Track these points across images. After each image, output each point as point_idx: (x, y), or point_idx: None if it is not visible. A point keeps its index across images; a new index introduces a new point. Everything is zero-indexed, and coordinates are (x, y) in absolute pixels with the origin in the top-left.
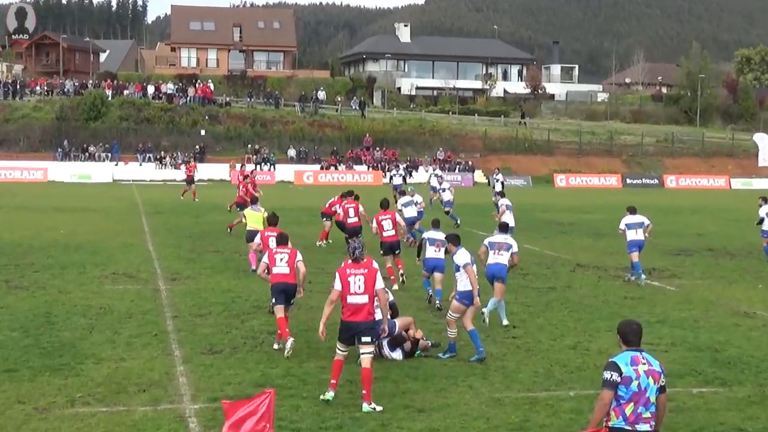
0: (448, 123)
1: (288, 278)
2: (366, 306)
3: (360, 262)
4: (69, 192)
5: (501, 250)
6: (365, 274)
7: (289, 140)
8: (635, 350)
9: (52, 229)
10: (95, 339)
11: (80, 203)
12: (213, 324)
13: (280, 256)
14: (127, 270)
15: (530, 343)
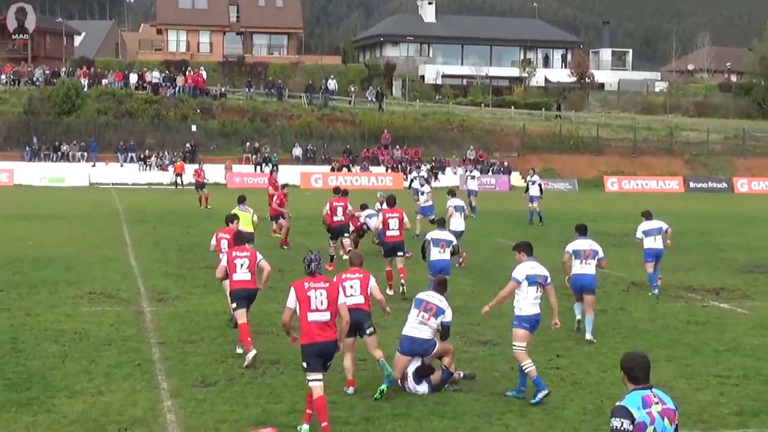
0: (480, 117)
1: (249, 284)
2: (329, 323)
3: (317, 275)
4: (39, 197)
5: (588, 258)
6: (327, 289)
7: (295, 137)
8: (644, 388)
9: (19, 241)
10: (69, 369)
11: (52, 210)
12: (206, 352)
13: (241, 261)
14: (105, 289)
15: (577, 375)
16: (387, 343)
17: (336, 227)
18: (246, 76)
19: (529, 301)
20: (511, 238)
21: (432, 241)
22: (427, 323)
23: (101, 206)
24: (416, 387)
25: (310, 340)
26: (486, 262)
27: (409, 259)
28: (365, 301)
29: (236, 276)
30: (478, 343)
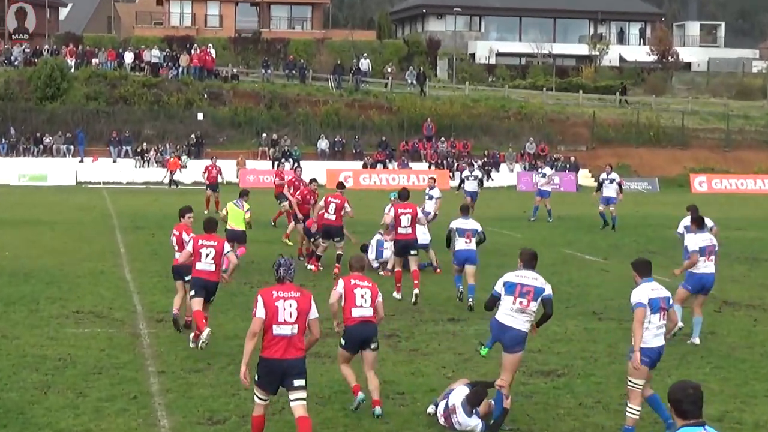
0: (542, 103)
1: (212, 276)
2: (295, 339)
3: (286, 283)
4: (16, 199)
5: (711, 254)
6: (297, 299)
7: (320, 127)
8: (696, 425)
9: None
10: (52, 402)
11: (31, 214)
12: (214, 383)
13: (206, 251)
14: (95, 307)
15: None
16: (429, 372)
17: (325, 227)
18: (262, 54)
19: (651, 330)
20: (578, 248)
21: (457, 230)
22: (526, 310)
23: (90, 209)
24: (467, 421)
25: (271, 355)
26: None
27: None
28: (374, 314)
29: (199, 265)
30: (539, 374)
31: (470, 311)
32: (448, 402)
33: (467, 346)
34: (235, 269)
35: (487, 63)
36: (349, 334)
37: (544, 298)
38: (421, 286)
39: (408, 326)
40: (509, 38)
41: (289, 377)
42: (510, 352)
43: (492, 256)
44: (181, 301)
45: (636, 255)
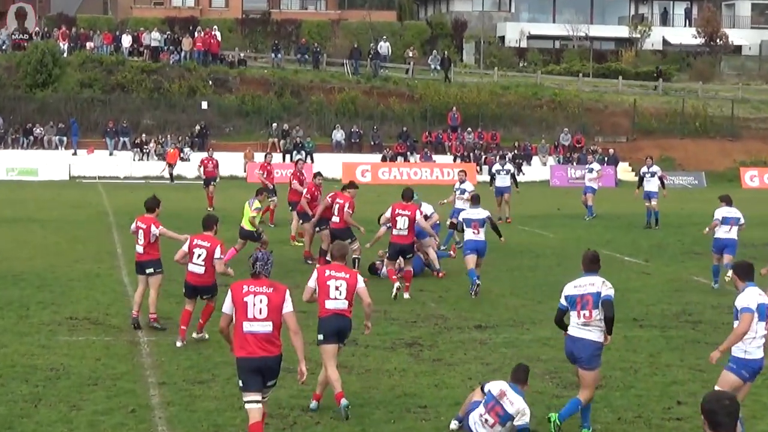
0: (577, 90)
1: (201, 279)
2: (271, 336)
3: (262, 278)
4: (4, 195)
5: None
6: (269, 294)
7: (335, 117)
8: None
9: None
10: (43, 417)
11: (21, 212)
12: (219, 395)
13: (199, 252)
14: (90, 313)
15: None
16: (454, 384)
17: (332, 230)
18: (272, 37)
19: (756, 340)
20: (617, 249)
21: (465, 221)
22: (591, 322)
23: (84, 206)
24: (519, 400)
25: (246, 353)
26: None
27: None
28: (349, 307)
29: (191, 266)
30: (574, 386)
31: (474, 296)
32: (491, 392)
33: (495, 356)
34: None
35: (518, 46)
36: (324, 326)
37: (603, 300)
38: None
39: (431, 334)
40: (542, 19)
41: (266, 376)
42: (587, 368)
43: (524, 257)
44: (141, 298)
45: (680, 256)
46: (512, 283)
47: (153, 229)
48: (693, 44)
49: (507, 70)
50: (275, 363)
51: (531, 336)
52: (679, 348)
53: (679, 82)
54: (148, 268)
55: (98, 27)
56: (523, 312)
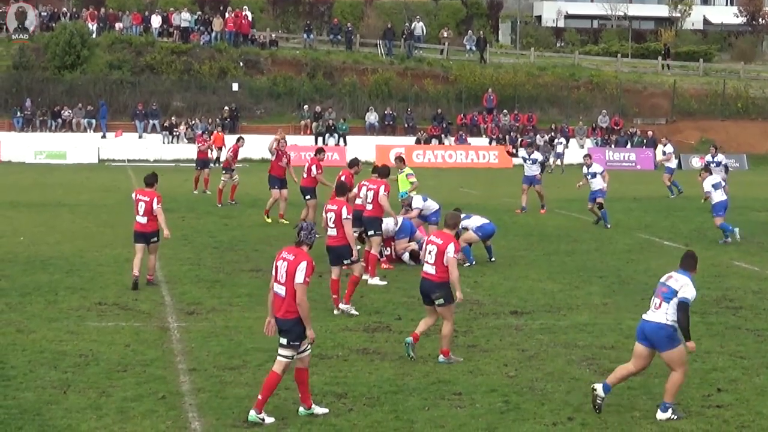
0: (616, 71)
1: (144, 227)
2: (287, 300)
3: (300, 246)
4: (33, 179)
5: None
6: (290, 261)
7: (369, 99)
8: None
9: (7, 236)
10: (72, 403)
11: (49, 196)
12: (250, 381)
13: (141, 204)
14: (119, 299)
15: (745, 416)
16: (489, 371)
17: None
18: (304, 17)
19: None
20: (656, 233)
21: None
22: (657, 311)
23: (114, 190)
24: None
25: (273, 312)
26: (623, 266)
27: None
28: (437, 272)
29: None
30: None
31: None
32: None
33: (532, 342)
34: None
35: (555, 26)
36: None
37: (679, 301)
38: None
39: (466, 320)
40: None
41: (283, 335)
42: (663, 350)
43: (561, 242)
44: (140, 262)
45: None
46: (549, 268)
47: (155, 204)
48: (734, 23)
49: (544, 50)
50: (286, 325)
51: (568, 322)
52: (720, 334)
53: (721, 62)
54: (152, 237)
55: (127, 7)
56: (560, 297)
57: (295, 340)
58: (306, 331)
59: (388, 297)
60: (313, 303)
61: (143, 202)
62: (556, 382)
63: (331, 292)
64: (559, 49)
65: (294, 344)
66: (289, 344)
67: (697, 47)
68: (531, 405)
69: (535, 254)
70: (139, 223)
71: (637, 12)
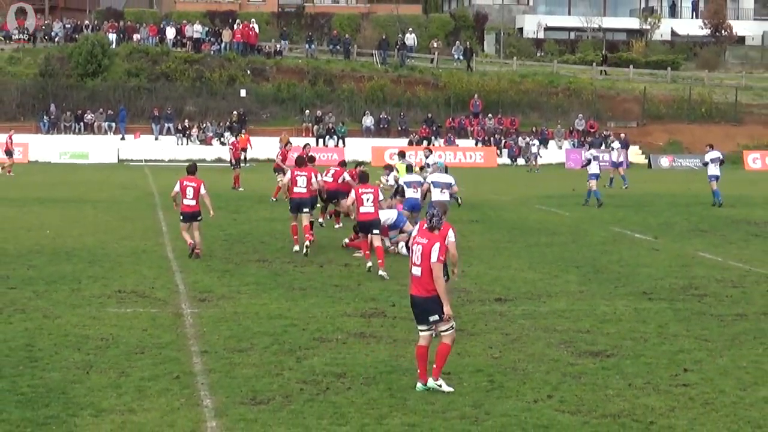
0: (591, 79)
1: (193, 209)
2: (423, 280)
3: (432, 231)
4: (57, 177)
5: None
6: (423, 245)
7: (365, 103)
8: None
9: (35, 229)
10: (94, 382)
11: (73, 193)
12: (257, 363)
13: (189, 189)
14: (137, 287)
15: (709, 393)
16: (476, 353)
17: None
18: (306, 29)
19: None
20: (628, 226)
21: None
22: None
23: (132, 188)
24: None
25: (410, 292)
26: (598, 256)
27: None
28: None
29: (185, 200)
30: (587, 354)
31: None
32: None
33: (514, 327)
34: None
35: (536, 38)
36: None
37: None
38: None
39: (454, 306)
40: (558, 12)
41: (424, 314)
42: None
43: (542, 234)
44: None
45: (687, 233)
46: (530, 259)
47: (202, 188)
48: (699, 35)
49: (525, 59)
50: (428, 302)
51: (548, 308)
52: (686, 319)
53: (687, 70)
54: (198, 216)
55: (144, 20)
56: (540, 285)
57: (436, 315)
58: (443, 307)
59: (383, 285)
60: (314, 290)
61: (191, 187)
62: (537, 363)
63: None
64: (539, 58)
65: (439, 319)
66: (440, 318)
67: (666, 56)
68: (514, 384)
69: (517, 246)
70: (187, 205)
71: (610, 24)
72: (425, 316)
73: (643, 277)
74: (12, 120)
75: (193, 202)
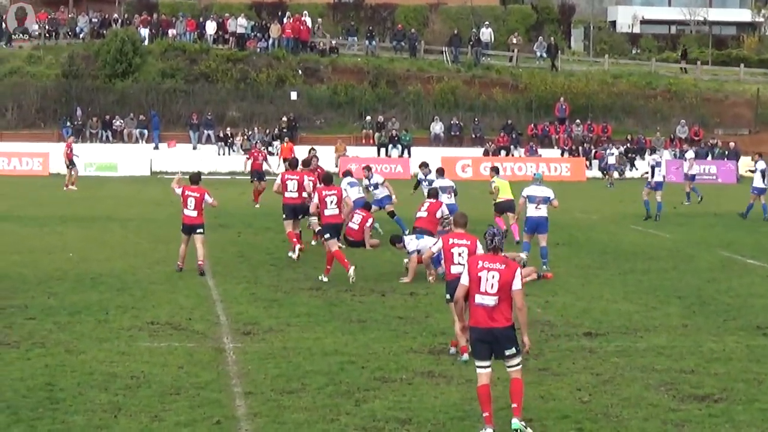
0: (695, 79)
1: (193, 220)
2: (499, 309)
3: (498, 254)
4: (82, 192)
5: None
6: (501, 271)
7: (434, 108)
8: None
9: (56, 252)
10: (123, 427)
11: (100, 210)
12: (309, 406)
13: (191, 200)
14: (173, 318)
15: None
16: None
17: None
18: (366, 23)
19: None
20: (739, 251)
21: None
22: None
23: (166, 204)
24: None
25: (474, 324)
26: (704, 285)
27: None
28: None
29: (185, 210)
30: (692, 399)
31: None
32: None
33: (606, 366)
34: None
35: (630, 32)
36: (451, 288)
37: None
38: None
39: (536, 341)
40: (656, 3)
41: (499, 346)
42: None
43: (637, 259)
44: (185, 253)
45: None
46: (624, 288)
47: (207, 197)
48: None
49: (618, 57)
50: (509, 332)
51: (645, 344)
52: None
53: None
54: (199, 228)
55: (181, 13)
56: (636, 318)
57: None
58: (522, 337)
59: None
60: (374, 323)
61: (192, 197)
62: (633, 408)
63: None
64: (635, 56)
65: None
66: (517, 352)
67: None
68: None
69: (609, 273)
70: (188, 216)
71: (717, 17)
72: (501, 349)
73: (757, 309)
74: (31, 126)
75: (194, 213)
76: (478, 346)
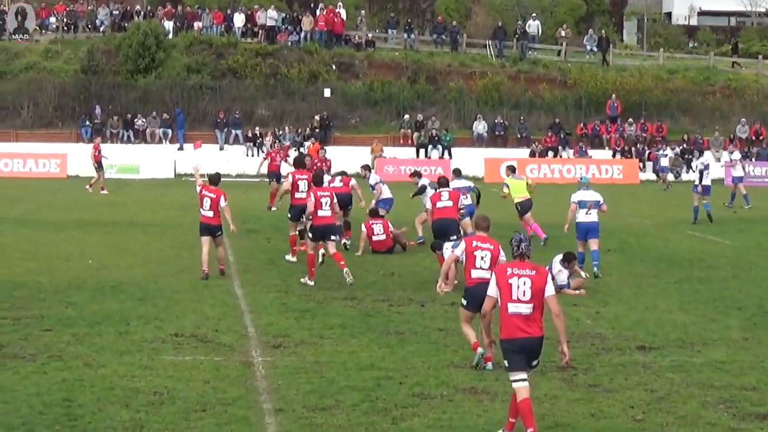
0: (757, 75)
1: (210, 221)
2: (533, 317)
3: (525, 260)
4: (102, 195)
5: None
6: (532, 277)
7: (476, 106)
8: None
9: (75, 259)
10: None
11: (121, 214)
12: (344, 424)
13: (207, 200)
14: (198, 329)
15: None
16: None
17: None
18: (404, 14)
19: None
20: None
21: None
22: None
23: (191, 208)
24: None
25: (508, 335)
26: (765, 296)
27: None
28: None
29: (202, 211)
30: (753, 417)
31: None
32: None
33: (661, 381)
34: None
35: (687, 24)
36: (469, 293)
37: None
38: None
39: (586, 355)
40: None
41: (533, 357)
42: None
43: (695, 267)
44: (208, 256)
45: None
46: (680, 298)
47: (222, 201)
48: None
49: (674, 51)
50: (537, 343)
51: (702, 359)
52: None
53: None
54: (218, 231)
55: (207, 5)
56: (693, 331)
57: (538, 359)
58: (561, 346)
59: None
60: (413, 335)
61: (209, 198)
62: (690, 428)
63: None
64: (692, 49)
65: (537, 365)
66: (536, 365)
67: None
68: None
69: (664, 282)
70: (205, 216)
71: None
72: (534, 358)
73: None
74: (48, 126)
75: (210, 214)
76: (514, 357)
